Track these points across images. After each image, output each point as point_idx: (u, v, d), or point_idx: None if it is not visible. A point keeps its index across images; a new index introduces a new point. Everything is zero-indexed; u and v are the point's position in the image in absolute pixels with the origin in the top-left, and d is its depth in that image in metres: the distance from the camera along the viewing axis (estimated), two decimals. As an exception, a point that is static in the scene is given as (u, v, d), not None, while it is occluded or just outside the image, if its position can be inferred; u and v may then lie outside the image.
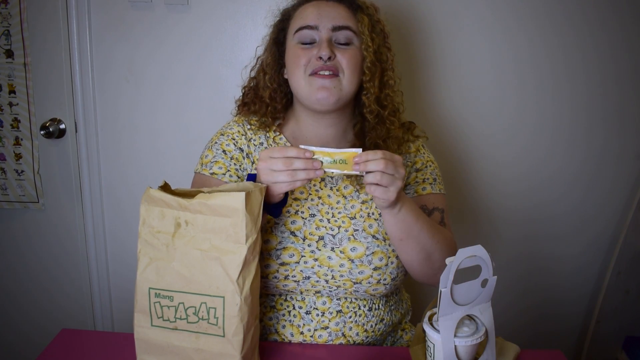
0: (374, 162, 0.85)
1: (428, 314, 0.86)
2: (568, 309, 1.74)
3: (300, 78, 1.01)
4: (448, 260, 0.79)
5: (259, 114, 1.10)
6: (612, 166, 1.59)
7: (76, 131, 1.57)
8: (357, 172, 0.87)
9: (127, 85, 1.53)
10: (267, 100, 1.09)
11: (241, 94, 1.16)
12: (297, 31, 1.03)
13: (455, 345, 0.80)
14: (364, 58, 1.03)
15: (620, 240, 1.61)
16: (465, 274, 0.80)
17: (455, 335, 0.80)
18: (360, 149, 0.87)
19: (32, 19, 1.49)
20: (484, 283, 0.82)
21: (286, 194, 0.97)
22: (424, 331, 0.84)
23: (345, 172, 0.87)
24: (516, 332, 1.21)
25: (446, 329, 0.80)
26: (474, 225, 1.64)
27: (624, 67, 1.51)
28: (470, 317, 0.84)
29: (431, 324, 0.83)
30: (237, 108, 1.17)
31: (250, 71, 1.15)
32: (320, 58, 0.98)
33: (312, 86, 1.00)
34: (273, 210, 0.94)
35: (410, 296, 1.25)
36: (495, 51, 1.49)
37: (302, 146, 0.87)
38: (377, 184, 0.87)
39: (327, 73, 0.99)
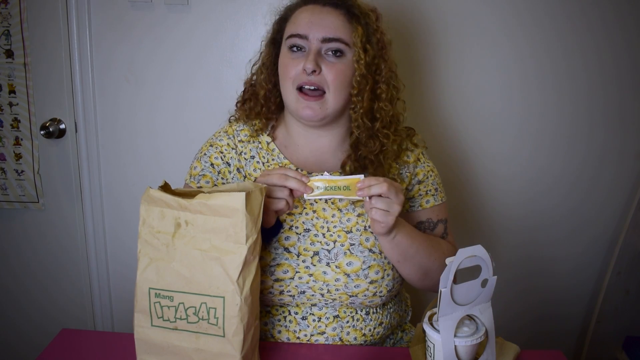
0: (377, 185, 0.88)
1: (428, 314, 0.86)
2: (568, 309, 1.74)
3: (289, 91, 1.01)
4: (448, 260, 0.79)
5: (254, 111, 1.10)
6: (612, 166, 1.59)
7: (76, 131, 1.57)
8: (360, 198, 0.90)
9: (127, 85, 1.53)
10: (262, 100, 1.09)
11: (242, 90, 1.16)
12: (288, 38, 1.02)
13: (455, 345, 0.80)
14: (355, 71, 1.00)
15: (620, 240, 1.61)
16: (465, 274, 0.80)
17: (455, 335, 0.80)
18: (363, 175, 0.90)
19: (32, 19, 1.49)
20: (484, 283, 0.82)
21: (280, 224, 0.99)
22: (424, 331, 0.84)
23: (350, 198, 0.91)
24: (516, 332, 1.21)
25: (446, 329, 0.80)
26: (474, 225, 1.64)
27: (625, 67, 1.51)
28: (470, 317, 0.84)
29: (431, 324, 0.83)
30: (236, 105, 1.16)
31: (253, 66, 1.14)
32: (305, 71, 0.98)
33: (298, 103, 1.00)
34: (265, 235, 0.95)
35: (410, 296, 1.25)
36: (496, 52, 1.49)
37: (311, 177, 0.90)
38: (377, 208, 0.89)
39: (312, 88, 0.98)
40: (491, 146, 1.57)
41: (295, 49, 1.01)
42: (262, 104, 1.09)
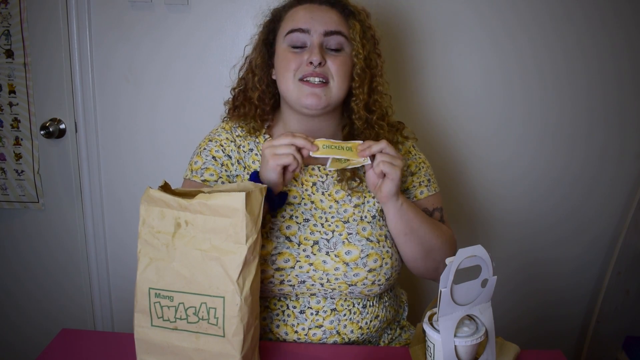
0: (376, 144, 0.93)
1: (428, 314, 0.86)
2: (568, 309, 1.74)
3: (290, 82, 1.02)
4: (448, 260, 0.79)
5: (249, 116, 1.11)
6: (612, 166, 1.60)
7: (76, 131, 1.57)
8: (362, 160, 0.94)
9: (127, 85, 1.53)
10: (256, 101, 1.10)
11: (231, 97, 1.16)
12: (288, 33, 1.03)
13: (455, 345, 0.80)
14: (354, 65, 1.04)
15: (620, 241, 1.61)
16: (465, 274, 0.80)
17: (455, 335, 0.81)
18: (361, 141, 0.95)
19: (32, 19, 1.49)
20: (484, 283, 0.82)
21: (285, 195, 0.99)
22: (423, 331, 0.84)
23: (352, 159, 0.94)
24: (516, 332, 1.21)
25: (446, 329, 0.80)
26: (473, 225, 1.64)
27: (624, 67, 1.51)
28: (470, 317, 0.84)
29: (431, 324, 0.83)
30: (227, 111, 1.17)
31: (239, 71, 1.15)
32: (311, 63, 0.99)
33: (301, 91, 1.01)
34: (270, 205, 0.97)
35: (407, 293, 1.25)
36: (497, 52, 1.49)
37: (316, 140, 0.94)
38: (383, 161, 0.93)
39: (317, 80, 1.00)
40: (490, 148, 1.57)
41: (296, 44, 1.02)
42: (256, 105, 1.10)
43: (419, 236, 1.02)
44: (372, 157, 0.95)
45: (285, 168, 0.94)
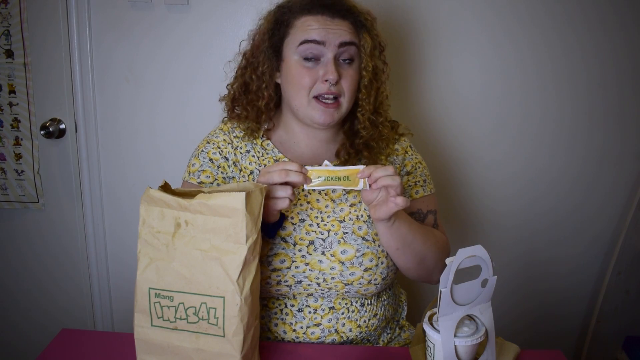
0: (383, 178, 0.89)
1: (428, 314, 0.86)
2: (568, 309, 1.74)
3: (303, 100, 1.00)
4: (448, 260, 0.79)
5: (249, 119, 1.09)
6: (612, 166, 1.60)
7: (76, 131, 1.57)
8: (360, 188, 0.90)
9: (127, 85, 1.53)
10: (263, 108, 1.07)
11: (230, 97, 1.13)
12: (301, 44, 0.99)
13: (455, 345, 0.81)
14: (362, 77, 1.03)
15: (620, 240, 1.61)
16: (465, 274, 0.80)
17: (455, 335, 0.81)
18: (363, 166, 0.90)
19: (32, 19, 1.49)
20: (484, 283, 0.82)
21: (283, 216, 0.99)
22: (423, 331, 0.84)
23: (350, 188, 0.91)
24: (516, 332, 1.22)
25: (446, 329, 0.80)
26: (473, 225, 1.64)
27: (624, 68, 1.51)
28: (470, 317, 0.84)
29: (431, 324, 0.83)
30: (227, 112, 1.14)
31: (237, 69, 1.11)
32: (327, 81, 0.98)
33: (314, 109, 1.00)
34: (269, 231, 0.96)
35: (407, 294, 1.26)
36: (497, 53, 1.49)
37: (307, 167, 0.90)
38: (391, 190, 0.89)
39: (330, 98, 0.99)
40: (489, 148, 1.57)
41: (309, 57, 0.99)
42: (261, 112, 1.08)
43: (412, 249, 1.01)
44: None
45: None
